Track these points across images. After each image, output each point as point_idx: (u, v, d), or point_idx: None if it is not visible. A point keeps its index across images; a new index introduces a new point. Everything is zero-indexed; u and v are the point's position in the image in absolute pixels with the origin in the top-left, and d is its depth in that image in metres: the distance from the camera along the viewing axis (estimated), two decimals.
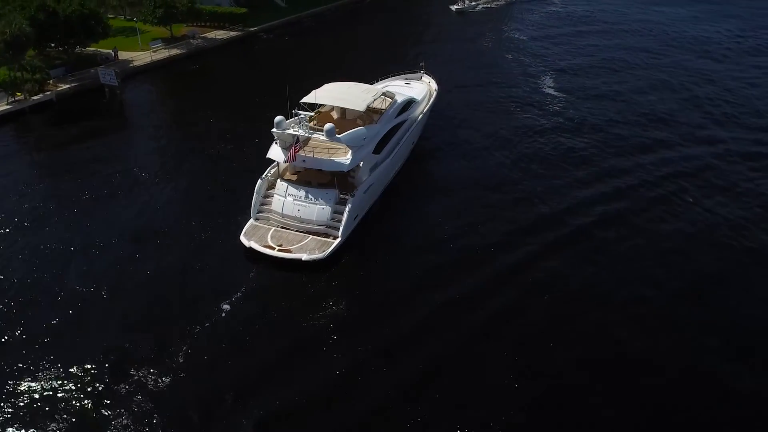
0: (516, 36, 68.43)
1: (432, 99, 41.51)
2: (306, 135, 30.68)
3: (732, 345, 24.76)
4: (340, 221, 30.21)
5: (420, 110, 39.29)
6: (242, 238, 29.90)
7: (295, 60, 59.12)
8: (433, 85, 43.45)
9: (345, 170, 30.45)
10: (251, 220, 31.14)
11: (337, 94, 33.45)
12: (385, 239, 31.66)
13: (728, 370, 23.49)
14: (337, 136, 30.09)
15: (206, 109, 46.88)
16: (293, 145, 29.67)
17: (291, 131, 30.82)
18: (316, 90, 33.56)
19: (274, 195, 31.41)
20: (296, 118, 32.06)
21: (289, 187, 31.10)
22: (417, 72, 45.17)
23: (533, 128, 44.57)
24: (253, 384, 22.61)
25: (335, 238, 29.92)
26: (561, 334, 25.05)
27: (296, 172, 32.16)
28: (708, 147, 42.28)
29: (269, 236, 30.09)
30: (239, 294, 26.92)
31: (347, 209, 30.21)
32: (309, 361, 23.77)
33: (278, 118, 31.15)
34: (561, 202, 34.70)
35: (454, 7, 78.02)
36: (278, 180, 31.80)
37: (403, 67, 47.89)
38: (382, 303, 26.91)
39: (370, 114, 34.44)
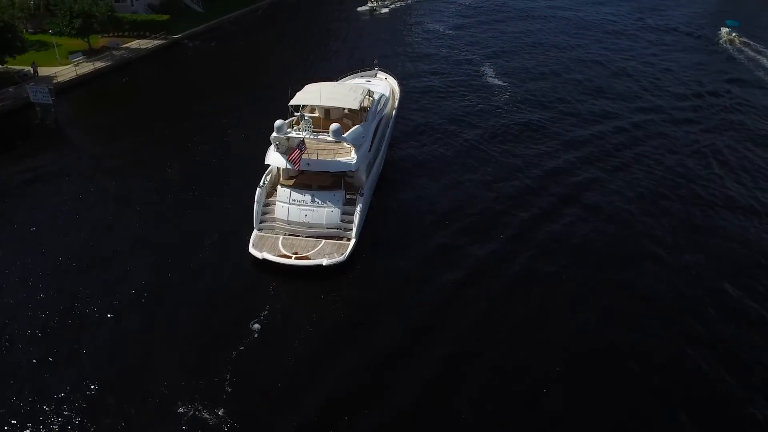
0: (439, 28, 70.20)
1: (398, 93, 41.75)
2: (312, 137, 29.75)
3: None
4: (351, 222, 29.65)
5: (391, 105, 39.41)
6: (252, 251, 28.50)
7: (228, 66, 57.01)
8: (391, 81, 43.65)
9: (353, 169, 29.90)
10: (255, 231, 29.74)
11: (327, 95, 32.65)
12: (391, 231, 31.39)
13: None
14: (343, 135, 29.53)
15: (148, 122, 43.99)
16: (296, 148, 28.68)
17: (294, 134, 29.76)
18: (301, 92, 32.77)
19: (276, 202, 30.21)
20: (302, 121, 31.13)
21: (293, 192, 30.04)
22: (372, 69, 45.13)
23: (489, 110, 46.64)
24: (313, 406, 21.45)
25: (348, 239, 29.30)
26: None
27: (290, 177, 31.17)
28: (648, 114, 46.57)
29: (280, 245, 28.92)
30: (265, 311, 25.43)
31: (358, 209, 29.71)
32: (360, 368, 23.12)
33: (279, 122, 29.97)
34: (538, 171, 37.13)
35: (365, 7, 77.11)
36: (278, 186, 30.64)
37: (339, 64, 48.26)
38: (410, 294, 26.91)
39: (353, 112, 34.02)
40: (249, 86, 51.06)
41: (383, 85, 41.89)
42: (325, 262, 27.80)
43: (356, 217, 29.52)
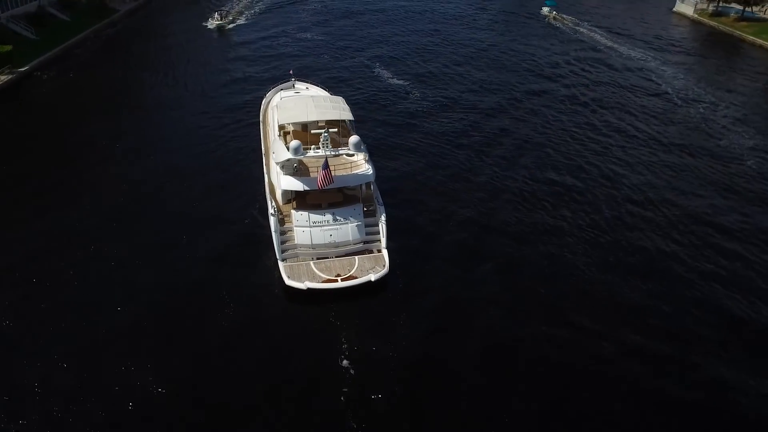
0: (310, 36, 69.72)
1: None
2: (333, 154, 28.45)
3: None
4: (377, 233, 29.25)
5: None
6: (292, 283, 26.67)
7: (100, 95, 50.77)
8: (317, 89, 43.09)
9: (372, 180, 29.35)
10: (281, 263, 27.81)
11: (313, 109, 31.36)
12: (404, 234, 31.36)
13: None
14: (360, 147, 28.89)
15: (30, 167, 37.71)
16: (322, 168, 27.30)
17: (313, 153, 28.23)
18: (283, 111, 31.22)
19: (295, 228, 28.57)
20: (322, 137, 29.57)
21: (311, 215, 28.62)
22: (288, 81, 43.99)
23: (412, 112, 48.24)
24: None
25: (379, 250, 28.91)
26: None
27: (288, 200, 29.64)
28: (547, 96, 52.76)
29: (317, 270, 27.48)
30: (344, 345, 24.11)
31: (383, 219, 29.38)
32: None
33: (295, 143, 28.18)
34: (486, 161, 40.46)
35: (211, 25, 71.04)
36: (293, 212, 28.88)
37: (210, 85, 47.60)
38: (459, 285, 27.92)
39: (334, 123, 33.08)
40: (127, 114, 46.80)
41: (316, 93, 41.21)
42: (373, 277, 27.17)
43: (382, 227, 29.19)
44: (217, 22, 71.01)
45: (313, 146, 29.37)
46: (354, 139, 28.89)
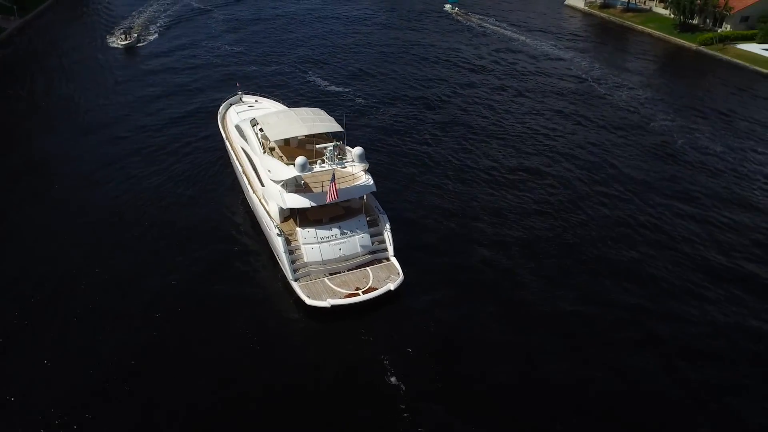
0: (229, 46, 66.88)
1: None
2: (340, 167, 27.92)
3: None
4: (383, 242, 29.28)
5: None
6: (314, 303, 26.16)
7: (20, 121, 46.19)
8: (270, 102, 42.12)
9: (374, 190, 29.17)
10: (295, 283, 27.07)
11: (301, 123, 30.57)
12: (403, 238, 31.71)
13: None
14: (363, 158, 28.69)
15: None
16: (331, 182, 26.78)
17: (319, 168, 27.56)
18: (272, 128, 30.34)
19: (302, 246, 27.89)
20: (327, 151, 28.91)
21: (318, 231, 28.05)
22: (236, 94, 42.57)
23: (361, 110, 48.87)
24: None
25: (387, 259, 28.99)
26: None
27: (286, 219, 28.93)
28: (478, 86, 55.84)
29: (334, 286, 27.04)
30: (386, 361, 24.00)
31: (387, 227, 29.47)
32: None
33: (301, 159, 27.31)
34: (446, 140, 44.72)
35: (117, 44, 64.66)
36: (298, 229, 28.11)
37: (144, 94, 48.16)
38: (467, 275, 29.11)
39: (320, 137, 32.40)
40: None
41: (273, 106, 40.30)
42: (392, 286, 27.28)
43: (388, 236, 29.30)
44: (124, 42, 65.11)
45: (318, 161, 28.74)
46: (358, 150, 28.64)
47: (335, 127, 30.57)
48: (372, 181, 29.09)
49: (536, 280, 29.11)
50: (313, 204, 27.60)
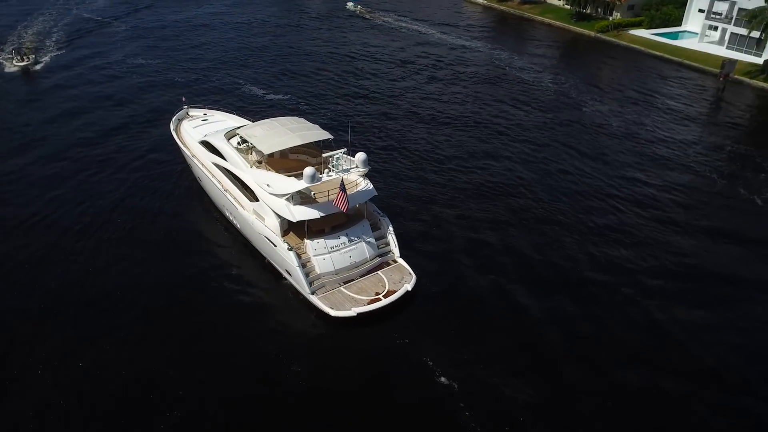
0: (144, 60, 62.54)
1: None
2: (348, 175, 27.51)
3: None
4: (388, 244, 29.41)
5: None
6: (339, 313, 25.76)
7: None
8: (219, 114, 40.61)
9: (375, 194, 29.07)
10: (314, 297, 26.54)
11: (290, 132, 29.56)
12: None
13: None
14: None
15: None
16: (340, 190, 26.37)
17: (326, 177, 26.98)
18: (259, 141, 29.16)
19: (314, 258, 27.33)
20: (334, 159, 28.40)
21: (326, 241, 27.62)
22: (182, 109, 40.59)
23: (309, 113, 48.34)
24: None
25: (394, 261, 29.17)
26: None
27: (286, 230, 28.32)
28: (409, 79, 57.26)
29: (354, 294, 26.82)
30: (429, 361, 24.13)
31: (391, 229, 29.61)
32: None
33: (309, 170, 26.41)
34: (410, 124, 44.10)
35: (14, 65, 57.84)
36: (307, 241, 27.49)
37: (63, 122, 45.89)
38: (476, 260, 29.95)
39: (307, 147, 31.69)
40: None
41: (228, 118, 38.91)
42: (409, 286, 27.54)
43: (392, 238, 29.49)
44: (21, 63, 58.59)
45: (325, 170, 28.19)
46: (362, 156, 28.38)
47: (324, 134, 30.06)
48: (372, 186, 29.07)
49: (526, 247, 31.59)
50: (322, 214, 27.14)
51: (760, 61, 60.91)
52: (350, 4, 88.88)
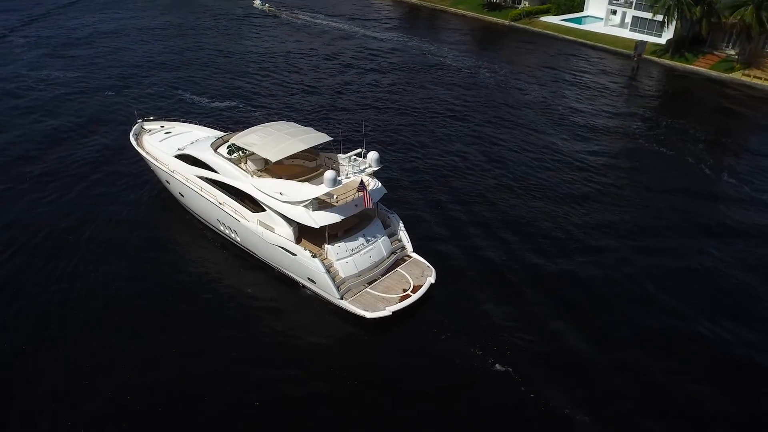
0: (62, 74, 57.62)
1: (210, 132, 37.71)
2: (364, 174, 27.13)
3: None
4: (400, 240, 29.55)
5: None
6: (375, 315, 25.50)
7: None
8: (181, 125, 38.62)
9: (386, 192, 28.96)
10: (344, 302, 26.18)
11: (292, 137, 28.56)
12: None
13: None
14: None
15: None
16: (362, 189, 26.10)
17: (344, 179, 26.45)
18: (265, 150, 28.16)
19: (336, 262, 26.87)
20: (350, 161, 27.77)
21: (346, 244, 27.28)
22: (136, 123, 38.11)
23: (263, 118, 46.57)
24: None
25: (408, 256, 29.37)
26: None
27: (299, 237, 27.78)
28: (336, 76, 57.41)
29: (383, 294, 26.74)
30: (477, 351, 24.45)
31: (401, 225, 29.74)
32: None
33: (331, 173, 25.66)
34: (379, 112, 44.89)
35: None
36: (328, 246, 26.96)
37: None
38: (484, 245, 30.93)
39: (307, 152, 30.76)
40: None
41: (195, 129, 37.10)
42: (432, 279, 27.85)
43: (404, 233, 29.68)
44: None
45: (344, 173, 27.67)
46: (375, 155, 28.14)
47: (324, 137, 29.47)
48: (380, 184, 29.08)
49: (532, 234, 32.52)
50: (342, 217, 26.74)
51: (662, 41, 67.10)
52: (257, 2, 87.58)
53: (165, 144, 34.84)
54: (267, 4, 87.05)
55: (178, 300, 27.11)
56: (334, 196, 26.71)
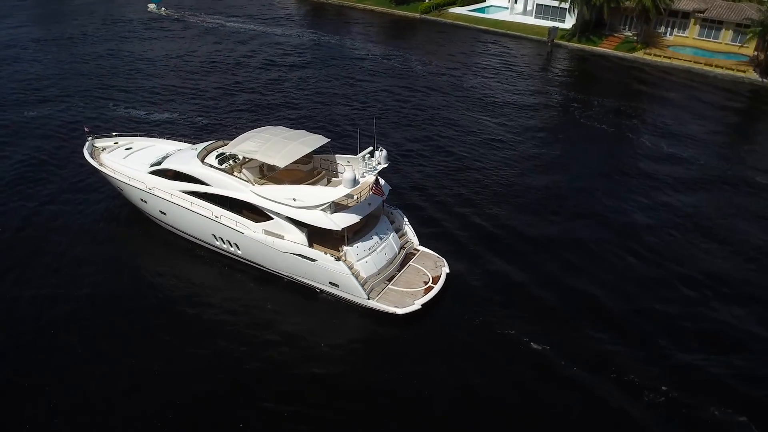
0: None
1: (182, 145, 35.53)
2: (377, 170, 26.90)
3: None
4: (405, 234, 29.77)
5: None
6: (405, 310, 25.61)
7: None
8: (142, 140, 36.11)
9: (390, 188, 28.87)
10: (372, 302, 26.03)
11: (293, 140, 27.60)
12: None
13: None
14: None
15: None
16: (377, 185, 26.05)
17: (360, 178, 26.11)
18: (269, 156, 27.09)
19: (357, 263, 26.54)
20: (364, 160, 27.30)
21: (363, 243, 27.04)
22: (87, 141, 35.01)
23: (203, 128, 44.99)
24: None
25: (416, 249, 29.66)
26: None
27: (312, 241, 27.31)
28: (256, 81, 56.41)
29: (406, 288, 26.87)
30: (510, 331, 25.28)
31: (406, 220, 29.95)
32: None
33: (349, 173, 25.15)
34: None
35: None
36: (347, 248, 26.56)
37: None
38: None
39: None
40: None
41: (156, 143, 34.89)
42: (446, 269, 28.38)
43: (408, 228, 30.00)
44: None
45: (365, 172, 27.23)
46: (384, 152, 27.90)
47: (323, 138, 28.81)
48: (384, 182, 29.04)
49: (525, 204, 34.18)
50: (360, 217, 26.47)
51: (566, 26, 72.11)
52: (151, 6, 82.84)
53: (131, 161, 32.42)
54: (163, 8, 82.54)
55: (204, 336, 25.19)
56: (355, 197, 26.41)
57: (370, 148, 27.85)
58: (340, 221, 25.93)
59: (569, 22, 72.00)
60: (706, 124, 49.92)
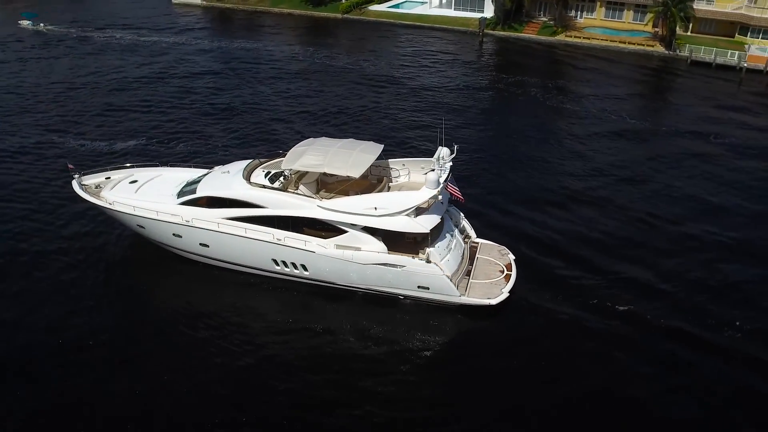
0: None
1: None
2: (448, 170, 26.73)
3: None
4: (464, 231, 30.04)
5: None
6: (497, 300, 26.07)
7: None
8: (141, 171, 33.05)
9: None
10: (466, 297, 26.25)
11: (349, 149, 26.84)
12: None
13: None
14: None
15: None
16: (450, 184, 26.21)
17: (438, 179, 25.71)
18: (340, 169, 26.29)
19: (441, 262, 26.39)
20: (438, 162, 26.44)
21: (443, 242, 27.02)
22: (73, 179, 31.57)
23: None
24: None
25: (475, 242, 29.86)
26: None
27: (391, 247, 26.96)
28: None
29: (487, 280, 27.22)
30: (607, 303, 26.82)
31: (462, 215, 30.29)
32: None
33: (434, 175, 25.17)
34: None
35: None
36: (430, 249, 26.33)
37: None
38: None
39: None
40: None
41: (165, 171, 32.33)
42: (512, 256, 29.07)
43: (465, 223, 30.40)
44: None
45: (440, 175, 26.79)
46: (448, 150, 27.54)
47: (378, 145, 28.16)
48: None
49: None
50: (440, 215, 26.37)
51: (486, 15, 75.37)
52: (25, 23, 74.89)
53: (146, 194, 29.66)
54: (41, 23, 74.82)
55: (319, 369, 24.08)
56: (440, 197, 26.33)
57: (444, 148, 27.78)
58: (426, 223, 25.78)
59: (488, 11, 75.37)
60: (626, 89, 57.65)
